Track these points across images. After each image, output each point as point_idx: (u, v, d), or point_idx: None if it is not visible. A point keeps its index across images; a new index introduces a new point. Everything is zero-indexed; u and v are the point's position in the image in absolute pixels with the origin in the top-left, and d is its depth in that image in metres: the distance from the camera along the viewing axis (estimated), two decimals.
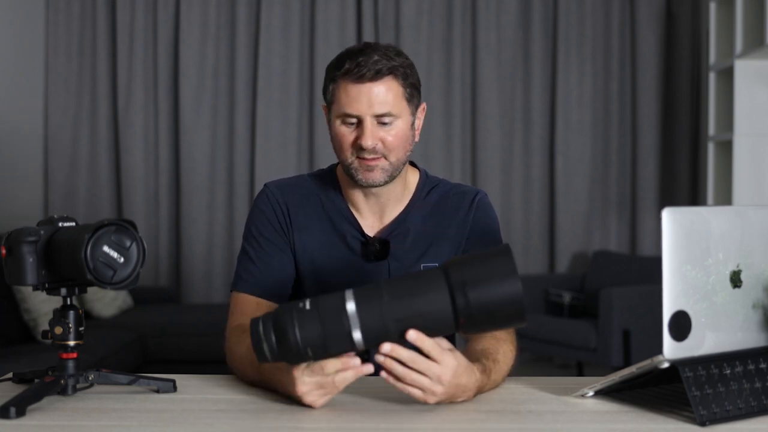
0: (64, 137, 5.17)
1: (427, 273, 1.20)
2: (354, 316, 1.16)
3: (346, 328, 1.16)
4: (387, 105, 1.49)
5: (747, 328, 1.22)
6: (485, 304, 1.15)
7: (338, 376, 1.21)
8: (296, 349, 1.17)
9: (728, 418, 1.16)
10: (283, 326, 1.17)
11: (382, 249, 1.60)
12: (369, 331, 1.17)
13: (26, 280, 1.28)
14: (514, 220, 5.26)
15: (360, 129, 1.50)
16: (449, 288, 1.16)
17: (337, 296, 1.19)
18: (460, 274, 1.17)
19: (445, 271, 1.18)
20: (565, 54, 5.25)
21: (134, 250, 1.24)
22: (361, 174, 1.53)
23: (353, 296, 1.18)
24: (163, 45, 5.19)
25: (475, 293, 1.15)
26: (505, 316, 1.17)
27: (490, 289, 1.15)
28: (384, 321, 1.17)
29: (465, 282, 1.16)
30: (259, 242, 1.61)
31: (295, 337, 1.17)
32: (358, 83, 1.48)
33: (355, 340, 1.17)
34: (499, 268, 1.16)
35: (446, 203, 1.64)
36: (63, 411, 1.25)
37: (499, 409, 1.27)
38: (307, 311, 1.17)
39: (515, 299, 1.15)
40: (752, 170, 4.01)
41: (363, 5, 5.19)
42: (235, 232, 5.17)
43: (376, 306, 1.17)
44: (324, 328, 1.16)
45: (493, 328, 1.21)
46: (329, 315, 1.17)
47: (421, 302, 1.17)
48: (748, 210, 1.23)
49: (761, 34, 3.79)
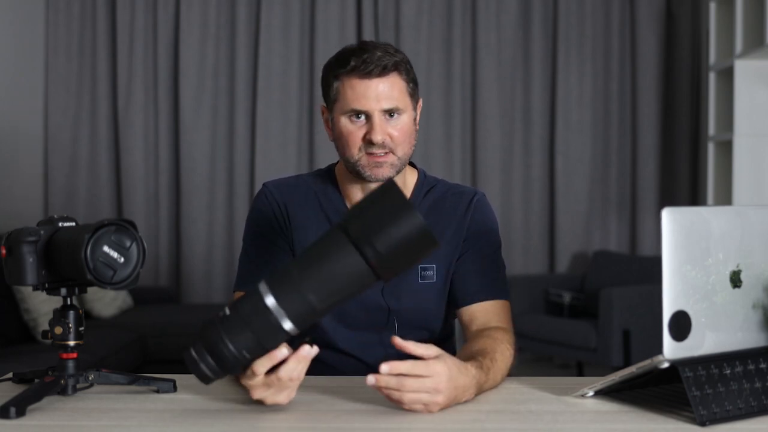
0: (64, 137, 5.17)
1: (326, 237, 1.17)
2: (276, 308, 1.14)
3: (274, 322, 1.15)
4: (394, 100, 1.51)
5: (747, 328, 1.22)
6: (394, 246, 1.13)
7: (281, 371, 1.18)
8: (234, 358, 1.15)
9: (728, 418, 1.16)
10: (214, 342, 1.15)
11: None
12: (297, 316, 1.15)
13: (26, 280, 1.28)
14: (514, 220, 5.26)
15: (369, 124, 1.51)
16: (354, 244, 1.14)
17: (253, 295, 1.16)
18: (359, 225, 1.14)
19: (344, 229, 1.15)
20: (565, 54, 5.26)
21: (134, 250, 1.24)
22: (369, 170, 1.53)
23: (268, 288, 1.15)
24: (163, 45, 5.19)
25: (380, 240, 1.13)
26: (417, 248, 1.15)
27: (394, 230, 1.13)
28: (306, 299, 1.15)
29: (367, 232, 1.13)
30: (259, 242, 1.62)
31: (228, 348, 1.15)
32: (366, 79, 1.49)
33: (287, 330, 1.15)
34: (393, 205, 1.14)
35: (444, 203, 1.64)
36: (63, 411, 1.25)
37: (499, 409, 1.27)
38: (229, 317, 1.15)
39: (420, 229, 1.13)
40: (752, 170, 4.01)
41: (363, 5, 5.19)
42: (235, 232, 5.17)
43: (293, 288, 1.15)
44: (253, 329, 1.15)
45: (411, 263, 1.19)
46: (253, 315, 1.15)
47: (331, 266, 1.15)
48: (748, 210, 1.23)
49: (761, 34, 3.79)
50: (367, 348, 1.61)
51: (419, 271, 1.60)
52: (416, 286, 1.60)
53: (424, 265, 1.60)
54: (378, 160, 1.52)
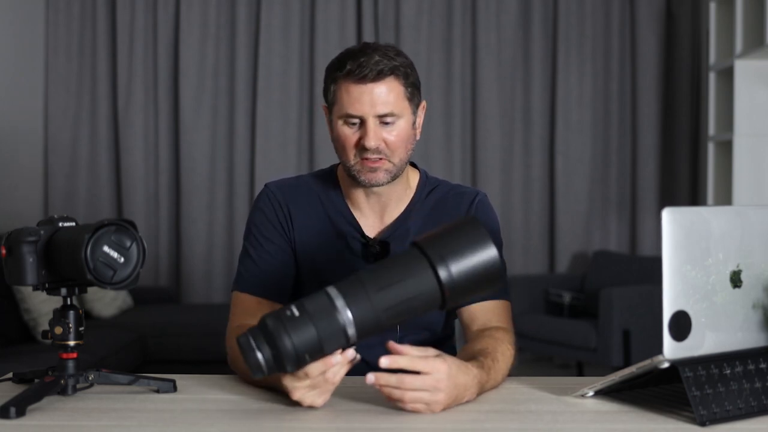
0: (64, 137, 5.17)
1: (403, 257, 1.20)
2: (346, 314, 1.16)
3: (341, 325, 1.16)
4: (389, 105, 1.49)
5: (747, 328, 1.22)
6: (468, 274, 1.17)
7: (329, 373, 1.20)
8: (293, 356, 1.16)
9: (728, 418, 1.16)
10: (276, 336, 1.16)
11: (382, 250, 1.60)
12: (362, 325, 1.17)
13: (26, 280, 1.28)
14: (514, 220, 5.26)
15: (363, 130, 1.50)
16: (432, 266, 1.17)
17: (322, 296, 1.18)
18: (437, 249, 1.18)
19: (422, 251, 1.18)
20: (565, 54, 5.26)
21: (134, 250, 1.24)
22: (363, 175, 1.53)
23: (339, 293, 1.17)
24: (163, 45, 5.19)
25: (457, 266, 1.17)
26: (487, 282, 1.20)
27: (470, 258, 1.17)
28: (375, 313, 1.17)
29: (445, 256, 1.17)
30: (259, 242, 1.61)
31: (292, 345, 1.15)
32: (360, 84, 1.48)
33: (349, 335, 1.17)
34: (472, 236, 1.18)
35: (446, 204, 1.64)
36: (63, 411, 1.25)
37: (499, 409, 1.27)
38: (297, 318, 1.16)
39: (494, 263, 1.18)
40: (752, 170, 4.01)
41: (363, 5, 5.19)
42: (235, 232, 5.17)
43: (364, 299, 1.17)
44: (318, 331, 1.16)
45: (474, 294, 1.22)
46: (321, 317, 1.16)
47: (407, 287, 1.17)
48: (748, 210, 1.23)
49: (761, 34, 3.79)
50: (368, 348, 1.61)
51: None
52: None
53: None
54: (372, 165, 1.51)
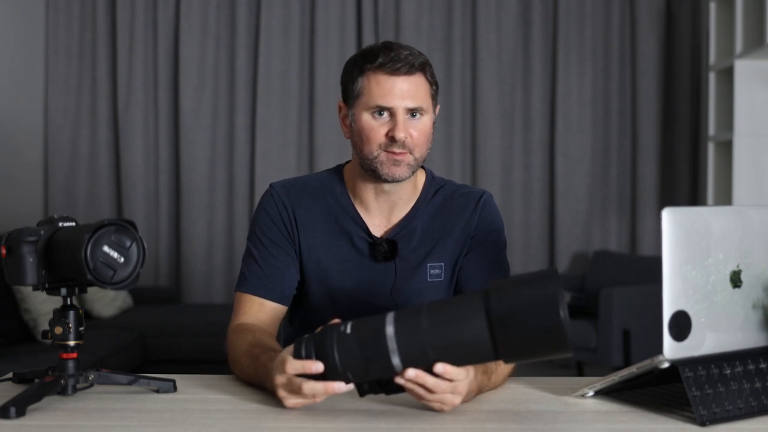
0: (64, 137, 5.17)
1: (467, 299, 1.16)
2: (392, 340, 1.15)
3: (385, 352, 1.15)
4: (418, 99, 1.51)
5: (747, 328, 1.22)
6: (524, 335, 1.11)
7: (304, 385, 1.19)
8: (335, 372, 1.17)
9: (728, 418, 1.16)
10: (324, 350, 1.17)
11: (390, 249, 1.60)
12: (407, 357, 1.15)
13: (26, 280, 1.28)
14: (514, 220, 5.26)
15: (392, 121, 1.51)
16: (488, 318, 1.12)
17: (378, 319, 1.17)
18: (500, 301, 1.12)
19: (486, 299, 1.13)
20: (565, 54, 5.25)
21: (134, 250, 1.24)
22: (386, 168, 1.52)
23: (393, 320, 1.16)
24: (163, 45, 5.19)
25: (513, 324, 1.11)
26: (547, 346, 1.12)
27: (529, 319, 1.10)
28: (423, 349, 1.15)
29: (503, 312, 1.11)
30: (263, 243, 1.61)
31: (335, 361, 1.16)
32: (393, 75, 1.49)
33: (394, 365, 1.15)
34: (541, 295, 1.11)
35: (452, 204, 1.64)
36: (63, 411, 1.25)
37: (499, 409, 1.26)
38: (348, 335, 1.16)
39: (556, 329, 1.09)
40: (752, 170, 4.01)
41: (363, 5, 5.19)
42: (235, 232, 5.17)
43: (416, 332, 1.15)
44: (363, 352, 1.15)
45: (533, 357, 1.15)
46: (369, 339, 1.16)
47: (462, 330, 1.14)
48: (748, 210, 1.23)
49: (761, 34, 3.79)
50: None
51: (428, 270, 1.61)
52: (425, 285, 1.61)
53: (433, 264, 1.61)
54: (396, 158, 1.51)
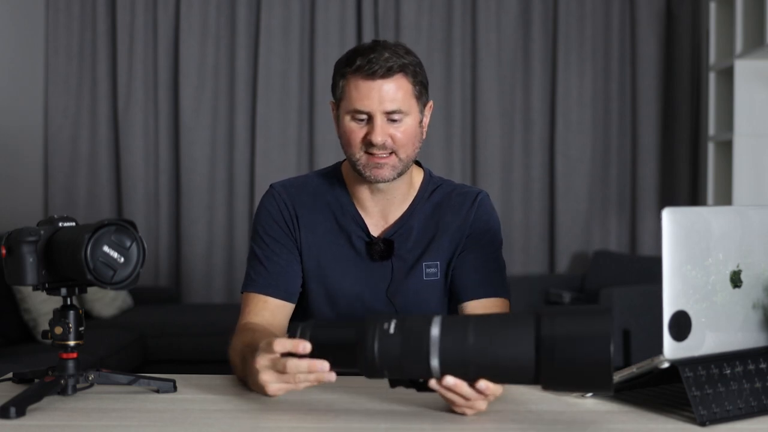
0: (64, 137, 5.17)
1: (516, 319, 1.13)
2: (435, 343, 1.13)
3: (426, 353, 1.13)
4: (397, 102, 1.51)
5: (747, 328, 1.22)
6: (570, 365, 1.09)
7: (289, 362, 1.18)
8: (373, 366, 1.15)
9: (728, 418, 1.16)
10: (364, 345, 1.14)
11: (387, 248, 1.60)
12: (447, 363, 1.13)
13: (26, 280, 1.28)
14: (514, 220, 5.25)
15: (370, 125, 1.51)
16: (537, 341, 1.10)
17: (424, 317, 1.15)
18: (550, 327, 1.10)
19: (537, 322, 1.11)
20: (565, 54, 5.25)
21: (134, 250, 1.24)
22: (369, 170, 1.53)
23: (440, 323, 1.14)
24: (163, 45, 5.19)
25: (562, 352, 1.09)
26: (589, 380, 1.10)
27: (577, 349, 1.08)
28: (464, 359, 1.13)
29: (553, 339, 1.09)
30: (266, 242, 1.62)
31: (373, 356, 1.14)
32: (369, 80, 1.49)
33: (431, 366, 1.13)
34: (593, 329, 1.09)
35: (448, 203, 1.65)
36: (63, 411, 1.25)
37: (499, 409, 1.26)
38: (392, 336, 1.14)
39: (603, 365, 1.07)
40: (752, 170, 4.01)
41: (363, 5, 5.19)
42: (235, 232, 5.17)
43: (460, 340, 1.13)
44: (402, 348, 1.13)
45: (573, 389, 1.14)
46: (410, 336, 1.14)
47: (505, 350, 1.11)
48: (748, 210, 1.23)
49: (761, 34, 3.79)
50: None
51: (424, 269, 1.61)
52: (421, 284, 1.61)
53: (428, 262, 1.61)
54: (378, 161, 1.52)
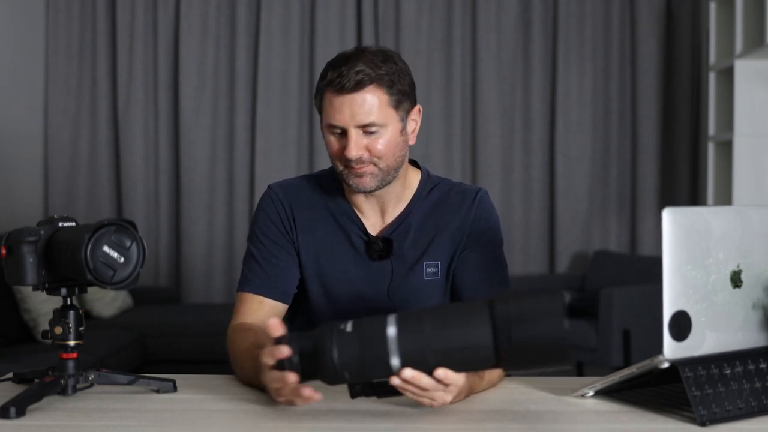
0: (64, 137, 5.17)
1: (471, 306, 1.16)
2: (394, 341, 1.14)
3: (385, 353, 1.14)
4: (371, 115, 1.47)
5: (747, 328, 1.22)
6: (527, 344, 1.12)
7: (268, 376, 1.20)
8: (333, 370, 1.15)
9: (728, 418, 1.16)
10: (323, 347, 1.15)
11: (385, 247, 1.60)
12: (407, 359, 1.14)
13: (26, 280, 1.28)
14: (514, 220, 5.25)
15: (345, 139, 1.49)
16: (492, 324, 1.12)
17: (380, 320, 1.16)
18: (505, 309, 1.13)
19: (491, 306, 1.14)
20: (565, 54, 5.25)
21: (134, 250, 1.24)
22: (351, 179, 1.53)
23: (395, 322, 1.15)
24: (163, 45, 5.19)
25: (518, 332, 1.11)
26: (547, 357, 1.13)
27: (533, 328, 1.11)
28: (423, 352, 1.14)
29: (508, 320, 1.12)
30: (263, 243, 1.62)
31: (333, 359, 1.14)
32: (340, 94, 1.47)
33: (392, 366, 1.14)
34: (546, 307, 1.13)
35: (447, 201, 1.64)
36: (63, 411, 1.25)
37: (499, 409, 1.26)
38: (347, 334, 1.15)
39: (558, 340, 1.12)
40: (752, 170, 4.01)
41: (363, 5, 5.19)
42: (235, 232, 5.17)
43: (418, 334, 1.14)
44: (362, 352, 1.14)
45: (532, 366, 1.16)
46: (370, 339, 1.14)
47: (462, 336, 1.13)
48: (748, 210, 1.23)
49: (761, 34, 3.79)
50: None
51: (425, 268, 1.61)
52: (421, 284, 1.61)
53: (429, 262, 1.61)
54: (358, 171, 1.51)
